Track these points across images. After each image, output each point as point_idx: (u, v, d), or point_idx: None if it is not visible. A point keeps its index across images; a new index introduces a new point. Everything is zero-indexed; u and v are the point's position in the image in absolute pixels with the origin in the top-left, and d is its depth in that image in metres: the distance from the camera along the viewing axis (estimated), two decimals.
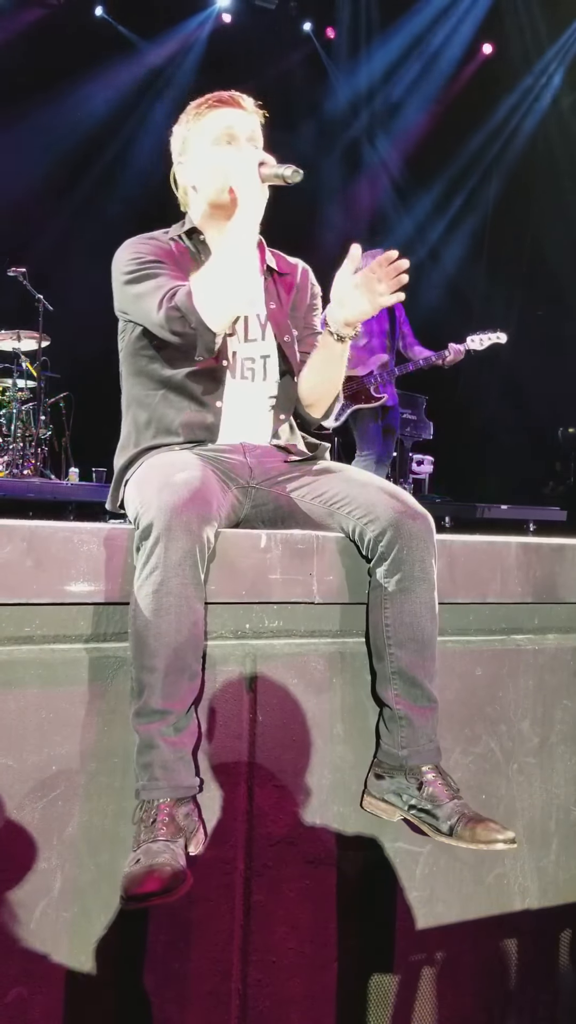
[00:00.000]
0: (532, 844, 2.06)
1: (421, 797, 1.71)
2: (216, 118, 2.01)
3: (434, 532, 1.80)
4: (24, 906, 1.54)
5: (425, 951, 1.92)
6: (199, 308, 1.83)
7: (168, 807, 1.52)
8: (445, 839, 1.66)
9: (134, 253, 1.99)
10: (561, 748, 2.12)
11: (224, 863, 1.69)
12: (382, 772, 1.78)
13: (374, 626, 1.80)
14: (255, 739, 1.74)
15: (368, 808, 1.80)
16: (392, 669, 1.76)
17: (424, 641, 1.75)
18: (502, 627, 2.12)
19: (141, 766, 1.55)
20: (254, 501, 1.99)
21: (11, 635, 1.61)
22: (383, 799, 1.77)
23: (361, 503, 1.82)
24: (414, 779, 1.73)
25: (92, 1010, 1.59)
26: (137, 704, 1.56)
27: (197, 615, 1.59)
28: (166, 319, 1.86)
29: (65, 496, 6.00)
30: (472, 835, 1.62)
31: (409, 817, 1.74)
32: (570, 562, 2.18)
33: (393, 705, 1.76)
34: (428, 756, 1.74)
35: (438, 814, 1.68)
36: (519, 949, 2.04)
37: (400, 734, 1.75)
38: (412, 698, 1.75)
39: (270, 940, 1.73)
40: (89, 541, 1.66)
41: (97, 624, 1.68)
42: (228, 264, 1.87)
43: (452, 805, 1.68)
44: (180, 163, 2.06)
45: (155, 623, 1.55)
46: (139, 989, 1.63)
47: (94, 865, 1.58)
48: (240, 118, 2.02)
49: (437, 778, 1.72)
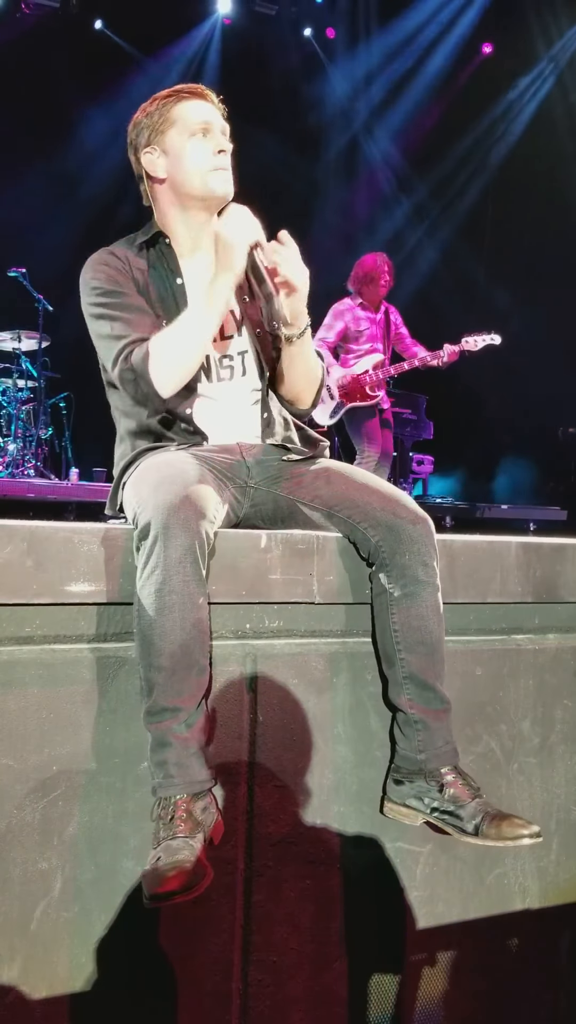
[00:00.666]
0: (532, 844, 2.06)
1: (443, 799, 1.71)
2: (191, 109, 1.99)
3: (434, 535, 1.80)
4: (25, 906, 1.54)
5: (426, 951, 1.91)
6: (153, 376, 1.83)
7: (185, 803, 1.53)
8: (471, 839, 1.66)
9: (94, 280, 1.97)
10: (561, 748, 2.12)
11: (225, 863, 1.69)
12: (401, 777, 1.78)
13: (381, 631, 1.79)
14: (256, 739, 1.74)
15: (389, 814, 1.79)
16: (404, 674, 1.75)
17: (433, 644, 1.76)
18: (502, 627, 2.12)
19: (156, 764, 1.56)
20: (253, 500, 1.99)
21: (11, 635, 1.61)
22: (404, 804, 1.77)
23: (360, 507, 1.82)
24: (434, 782, 1.72)
25: (93, 1011, 1.59)
26: (147, 703, 1.56)
27: (201, 611, 1.59)
28: (119, 377, 1.87)
29: (65, 496, 6.00)
30: (498, 832, 1.62)
31: (432, 820, 1.73)
32: (571, 562, 2.18)
33: (407, 710, 1.75)
34: (446, 758, 1.74)
35: (462, 815, 1.68)
36: (519, 949, 2.04)
37: (417, 738, 1.74)
38: (426, 702, 1.75)
39: (271, 940, 1.73)
40: (89, 541, 1.66)
41: (98, 624, 1.68)
42: (192, 327, 1.86)
43: (475, 804, 1.68)
44: (148, 153, 2.01)
45: (160, 622, 1.55)
46: (140, 989, 1.63)
47: (95, 865, 1.58)
48: (212, 111, 2.01)
49: (457, 779, 1.72)
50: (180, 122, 1.98)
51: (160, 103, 2.01)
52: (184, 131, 1.98)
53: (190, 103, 2.00)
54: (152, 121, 2.00)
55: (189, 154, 1.97)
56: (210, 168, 1.98)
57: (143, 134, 2.01)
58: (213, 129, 1.99)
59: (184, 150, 1.98)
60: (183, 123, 1.98)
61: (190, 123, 1.98)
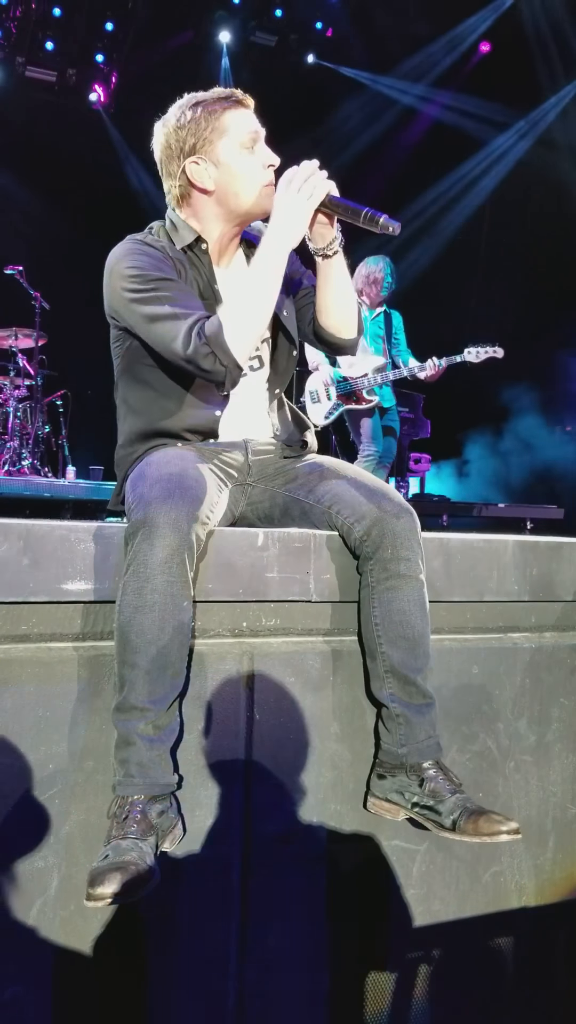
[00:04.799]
0: (529, 842, 2.06)
1: (423, 794, 1.70)
2: (241, 119, 1.93)
3: (419, 529, 1.80)
4: (21, 904, 1.54)
5: (422, 949, 1.92)
6: (232, 346, 1.77)
7: (142, 804, 1.52)
8: (449, 834, 1.66)
9: (136, 265, 1.88)
10: (558, 746, 2.12)
11: (221, 861, 1.69)
12: (384, 772, 1.78)
13: (364, 625, 1.80)
14: (252, 737, 1.74)
15: (372, 809, 1.80)
16: (385, 668, 1.76)
17: (415, 639, 1.75)
18: (499, 625, 2.12)
19: (118, 761, 1.55)
20: (250, 498, 1.99)
21: (7, 633, 1.61)
22: (386, 799, 1.77)
23: (347, 502, 1.82)
24: (415, 776, 1.72)
25: (88, 1008, 1.59)
26: (118, 699, 1.56)
27: (183, 614, 1.58)
28: (195, 354, 1.78)
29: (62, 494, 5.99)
30: (475, 828, 1.61)
31: (413, 815, 1.73)
32: (567, 560, 2.19)
33: (389, 704, 1.76)
34: (428, 752, 1.74)
35: (440, 809, 1.67)
36: (516, 947, 2.04)
37: (398, 732, 1.75)
38: (407, 696, 1.75)
39: (267, 938, 1.73)
40: (85, 539, 1.66)
41: (94, 622, 1.68)
42: (261, 293, 1.81)
43: (454, 799, 1.68)
44: (195, 163, 1.92)
45: (138, 620, 1.54)
46: (135, 987, 1.63)
47: (90, 863, 1.58)
48: (255, 118, 1.97)
49: (439, 773, 1.72)
50: (231, 132, 1.91)
51: (206, 110, 1.92)
52: (235, 142, 1.91)
53: (238, 112, 1.93)
54: (199, 128, 1.91)
55: (243, 169, 1.92)
56: (263, 184, 1.93)
57: (188, 141, 1.92)
58: (261, 140, 1.94)
59: (237, 164, 1.92)
60: (234, 134, 1.91)
61: (241, 134, 1.92)
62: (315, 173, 1.83)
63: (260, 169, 1.93)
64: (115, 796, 1.55)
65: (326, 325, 2.06)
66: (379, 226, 1.78)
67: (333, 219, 1.88)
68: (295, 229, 1.82)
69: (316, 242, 1.93)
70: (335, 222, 1.90)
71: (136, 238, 1.97)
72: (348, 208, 1.83)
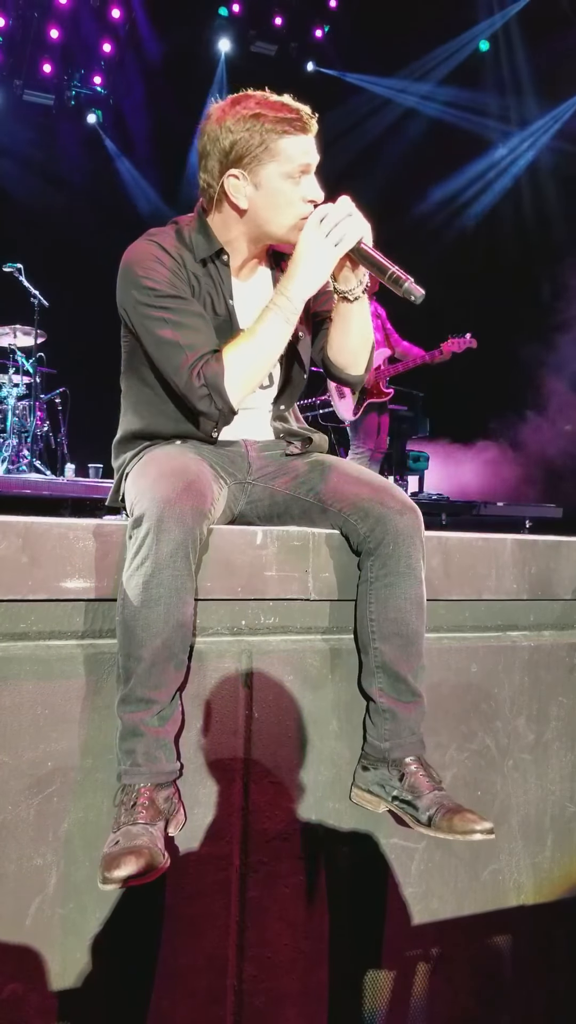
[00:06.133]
0: (527, 840, 2.06)
1: (403, 788, 1.72)
2: (297, 146, 1.82)
3: (422, 528, 1.80)
4: (19, 902, 1.54)
5: (420, 947, 1.92)
6: (230, 393, 1.79)
7: (148, 791, 1.54)
8: (424, 829, 1.67)
9: (150, 277, 1.83)
10: (556, 744, 2.12)
11: (220, 859, 1.69)
12: (368, 764, 1.79)
13: (359, 620, 1.80)
14: (251, 735, 1.74)
15: (355, 799, 1.81)
16: (376, 663, 1.76)
17: (409, 636, 1.76)
18: (498, 623, 2.12)
19: (124, 751, 1.56)
20: (250, 497, 1.99)
21: (6, 631, 1.61)
22: (368, 790, 1.78)
23: (350, 499, 1.82)
24: (396, 771, 1.74)
25: (87, 1006, 1.59)
26: (123, 691, 1.56)
27: (187, 607, 1.59)
28: (191, 392, 1.80)
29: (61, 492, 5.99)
30: (449, 825, 1.63)
31: (392, 808, 1.75)
32: (565, 559, 2.19)
33: (377, 699, 1.77)
34: (410, 748, 1.76)
35: (418, 805, 1.69)
36: (514, 945, 2.05)
37: (384, 727, 1.76)
38: (396, 692, 1.76)
39: (265, 936, 1.73)
40: (84, 537, 1.66)
41: (92, 620, 1.68)
42: (269, 342, 1.81)
43: (432, 796, 1.69)
44: (234, 177, 1.84)
45: (144, 614, 1.54)
46: (134, 985, 1.63)
47: (89, 861, 1.58)
48: (313, 147, 1.85)
49: (419, 770, 1.73)
50: (283, 158, 1.82)
51: (265, 127, 1.81)
52: (283, 170, 1.83)
53: (297, 140, 1.82)
54: (251, 143, 1.81)
55: (281, 200, 1.84)
56: (299, 217, 1.85)
57: (235, 150, 1.82)
58: (311, 172, 1.86)
59: (277, 193, 1.84)
60: (284, 161, 1.82)
61: (292, 165, 1.82)
62: (350, 215, 1.78)
63: (299, 203, 1.85)
64: (120, 785, 1.56)
65: (336, 361, 2.06)
66: (402, 290, 1.76)
67: (358, 264, 1.85)
68: (317, 276, 1.80)
69: (340, 283, 1.90)
70: (360, 267, 1.85)
71: (154, 239, 1.90)
72: (375, 262, 1.78)
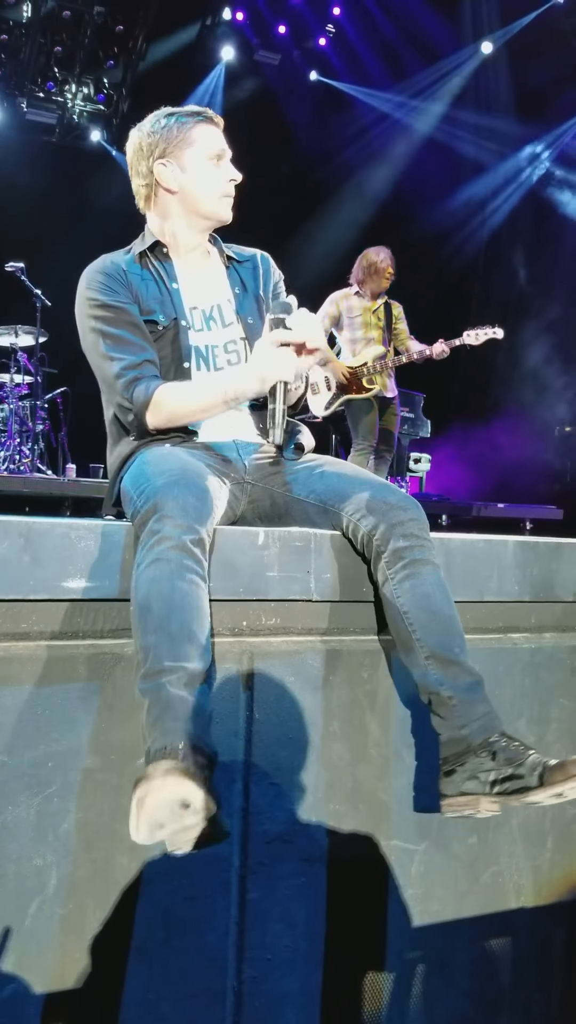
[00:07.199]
0: (527, 842, 2.06)
1: (499, 765, 1.64)
2: (210, 135, 2.11)
3: (426, 519, 1.80)
4: (19, 903, 1.54)
5: (420, 948, 1.92)
6: (149, 422, 1.95)
7: (185, 747, 1.39)
8: (537, 794, 1.59)
9: (90, 290, 2.04)
10: (557, 746, 2.12)
11: (220, 860, 1.69)
12: (452, 766, 1.70)
13: (392, 620, 1.76)
14: (252, 736, 1.74)
15: (450, 812, 1.70)
16: (425, 655, 1.71)
17: (446, 619, 1.73)
18: (499, 625, 2.12)
19: (150, 724, 1.44)
20: (250, 497, 1.99)
21: (8, 631, 1.61)
22: (462, 792, 1.68)
23: (352, 499, 1.82)
24: (486, 752, 1.66)
25: (87, 1007, 1.59)
26: (143, 669, 1.48)
27: (200, 590, 1.56)
28: (115, 403, 2.01)
29: (62, 492, 5.99)
30: (563, 772, 1.57)
31: (494, 796, 1.65)
32: (567, 560, 2.19)
33: (439, 690, 1.70)
34: (491, 726, 1.69)
35: (522, 772, 1.62)
36: (514, 947, 2.05)
37: (455, 716, 1.69)
38: (453, 677, 1.70)
39: (265, 937, 1.73)
40: (86, 537, 1.66)
41: (94, 620, 1.68)
42: (195, 407, 1.96)
43: (533, 758, 1.63)
44: (163, 164, 2.09)
45: (156, 589, 1.51)
46: (134, 986, 1.63)
47: (89, 862, 1.58)
48: (223, 138, 2.14)
49: (508, 742, 1.67)
50: (199, 144, 2.10)
51: (179, 121, 2.10)
52: (202, 153, 2.09)
53: (209, 128, 2.12)
54: (171, 135, 2.09)
55: (206, 177, 2.10)
56: (222, 194, 2.12)
57: (158, 145, 2.09)
58: (227, 158, 2.13)
59: (201, 171, 2.10)
60: (202, 146, 2.10)
61: (208, 148, 2.10)
62: (287, 357, 1.85)
63: (222, 181, 2.11)
64: (147, 755, 1.42)
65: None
66: (270, 435, 1.88)
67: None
68: (262, 386, 1.88)
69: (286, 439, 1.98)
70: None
71: (104, 256, 2.13)
72: (276, 404, 1.86)
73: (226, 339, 2.12)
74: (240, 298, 2.16)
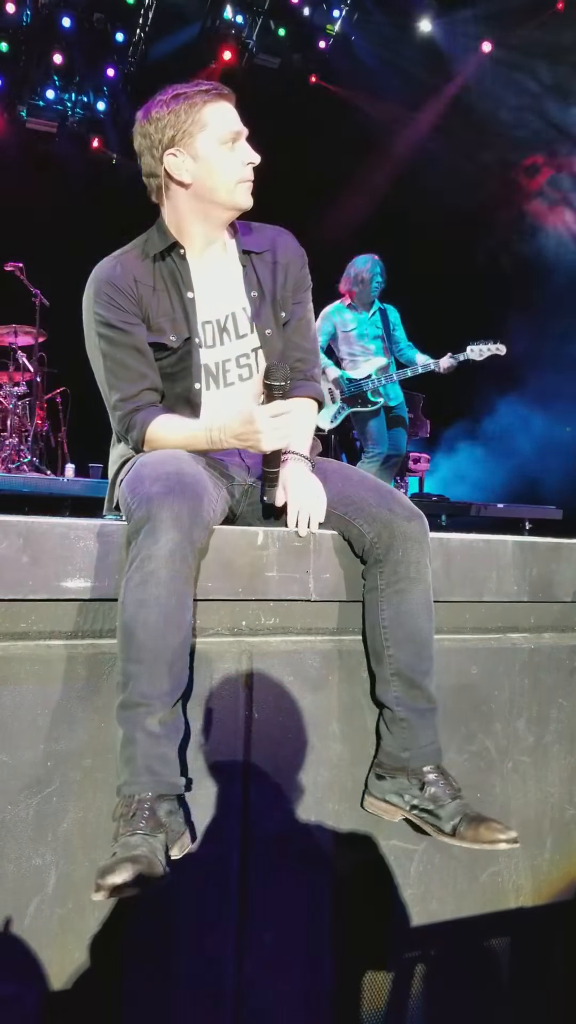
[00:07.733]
0: (526, 843, 2.06)
1: (423, 797, 1.71)
2: (222, 114, 1.92)
3: (428, 533, 1.80)
4: (18, 902, 1.54)
5: (419, 948, 1.92)
6: (145, 448, 1.92)
7: (149, 802, 1.50)
8: (448, 839, 1.67)
9: (98, 304, 1.93)
10: (556, 747, 2.12)
11: (219, 860, 1.69)
12: (383, 773, 1.78)
13: (371, 628, 1.80)
14: (251, 736, 1.74)
15: (369, 808, 1.80)
16: (391, 671, 1.76)
17: (422, 642, 1.76)
18: (498, 625, 2.12)
19: (123, 760, 1.53)
20: (251, 498, 1.99)
21: (7, 631, 1.61)
22: (384, 799, 1.77)
23: (356, 504, 1.82)
24: (416, 780, 1.73)
25: (86, 1007, 1.59)
26: (122, 696, 1.54)
27: (186, 610, 1.57)
28: (115, 423, 1.97)
29: (61, 492, 5.99)
30: (475, 835, 1.63)
31: (411, 817, 1.74)
32: (566, 561, 2.19)
33: (393, 707, 1.75)
34: (430, 757, 1.75)
35: (441, 814, 1.68)
36: (513, 946, 2.05)
37: (401, 736, 1.75)
38: (412, 699, 1.75)
39: (265, 937, 1.73)
40: (86, 537, 1.66)
41: (93, 620, 1.68)
42: (187, 444, 1.89)
43: (455, 805, 1.69)
44: (173, 155, 1.91)
45: (142, 615, 1.53)
46: (134, 986, 1.63)
47: (88, 861, 1.58)
48: (236, 114, 1.95)
49: (439, 778, 1.73)
50: (212, 126, 1.90)
51: (187, 102, 1.90)
52: (214, 137, 1.91)
53: (219, 105, 1.92)
54: (179, 121, 1.90)
55: (221, 164, 1.92)
56: (239, 180, 1.94)
57: (167, 133, 1.91)
58: (243, 138, 1.95)
59: (216, 159, 1.91)
60: (214, 128, 1.90)
61: (221, 130, 1.91)
62: (283, 427, 1.81)
63: (239, 166, 1.93)
64: (120, 797, 1.52)
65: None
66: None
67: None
68: (245, 442, 1.86)
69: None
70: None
71: (114, 258, 1.98)
72: (270, 468, 1.87)
73: (239, 352, 2.02)
74: (256, 304, 2.02)
